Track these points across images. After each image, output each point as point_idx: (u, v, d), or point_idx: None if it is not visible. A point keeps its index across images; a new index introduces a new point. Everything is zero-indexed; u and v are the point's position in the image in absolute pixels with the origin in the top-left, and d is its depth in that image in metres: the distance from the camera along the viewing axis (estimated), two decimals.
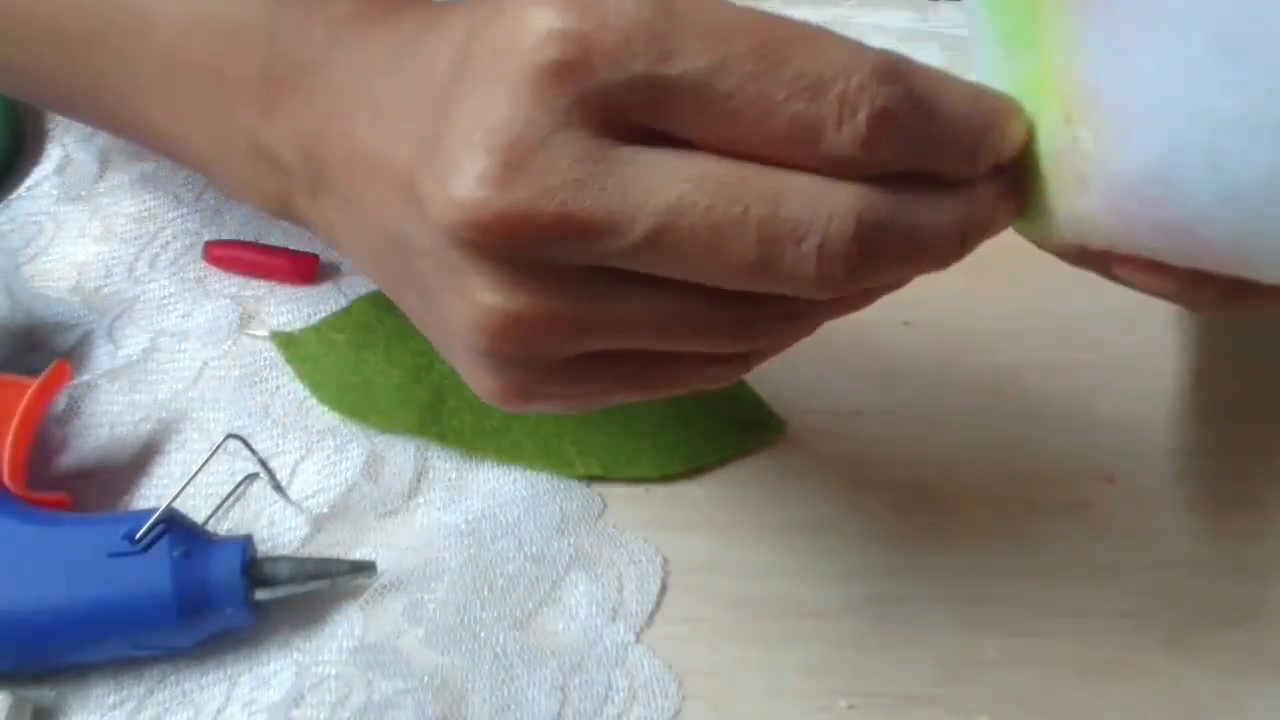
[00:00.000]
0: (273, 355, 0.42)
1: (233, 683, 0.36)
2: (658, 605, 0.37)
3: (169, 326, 0.43)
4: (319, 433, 0.41)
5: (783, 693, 0.36)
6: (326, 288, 0.44)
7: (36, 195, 0.47)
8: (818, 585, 0.38)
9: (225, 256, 0.44)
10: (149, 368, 0.42)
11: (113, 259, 0.45)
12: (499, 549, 0.38)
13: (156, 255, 0.45)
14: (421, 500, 0.39)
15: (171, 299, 0.44)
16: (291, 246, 0.45)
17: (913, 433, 0.41)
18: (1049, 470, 0.41)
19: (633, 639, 0.37)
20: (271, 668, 0.36)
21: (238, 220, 0.46)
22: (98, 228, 0.46)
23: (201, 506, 0.38)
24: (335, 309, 0.43)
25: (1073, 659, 0.37)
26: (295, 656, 0.36)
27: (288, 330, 0.43)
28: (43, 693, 0.35)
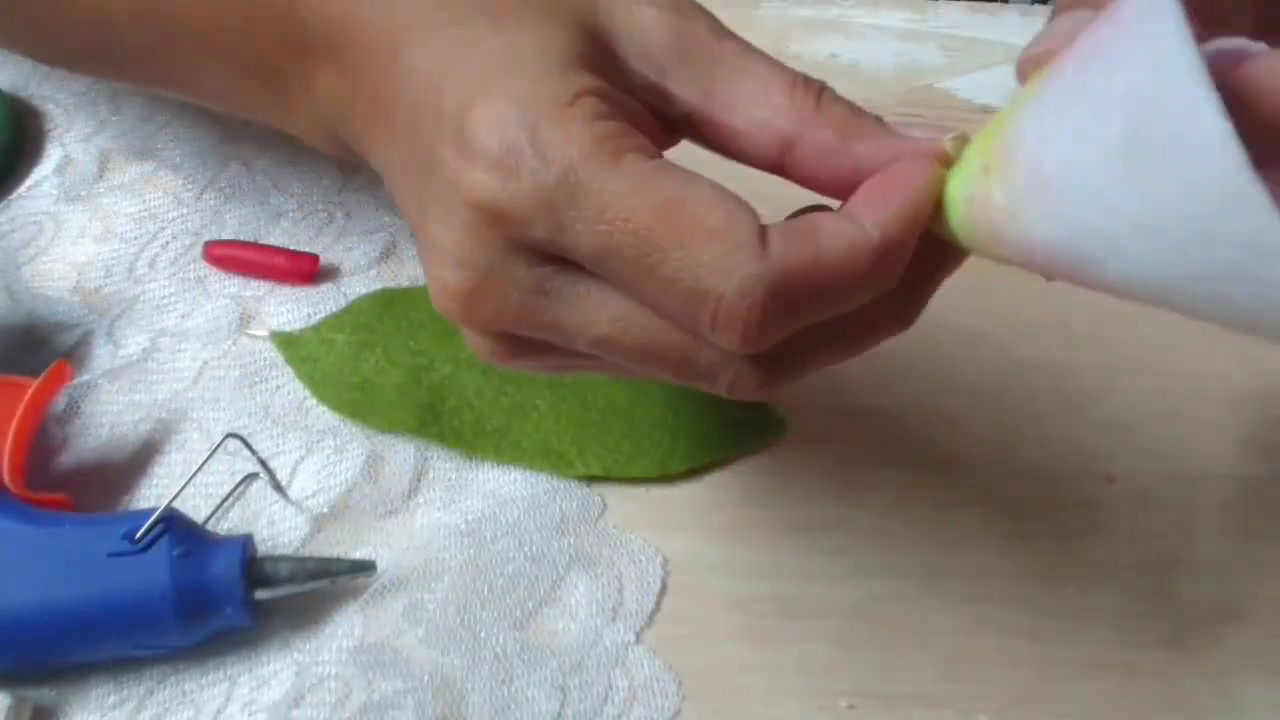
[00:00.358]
0: (273, 355, 0.42)
1: (233, 683, 0.36)
2: (658, 605, 0.37)
3: (169, 326, 0.43)
4: (319, 433, 0.41)
5: (783, 693, 0.36)
6: (326, 288, 0.44)
7: (36, 195, 0.47)
8: (818, 585, 0.38)
9: (225, 256, 0.44)
10: (149, 368, 0.42)
11: (113, 259, 0.45)
12: (499, 549, 0.38)
13: (156, 255, 0.45)
14: (421, 500, 0.39)
15: (171, 299, 0.44)
16: (291, 247, 0.45)
17: (913, 433, 0.41)
18: (1049, 470, 0.41)
19: (633, 639, 0.37)
20: (271, 668, 0.36)
21: (238, 220, 0.46)
22: (98, 228, 0.46)
23: (201, 506, 0.38)
24: (335, 309, 0.43)
25: (1073, 659, 0.37)
26: (295, 656, 0.36)
27: (287, 330, 0.43)
28: (43, 693, 0.35)
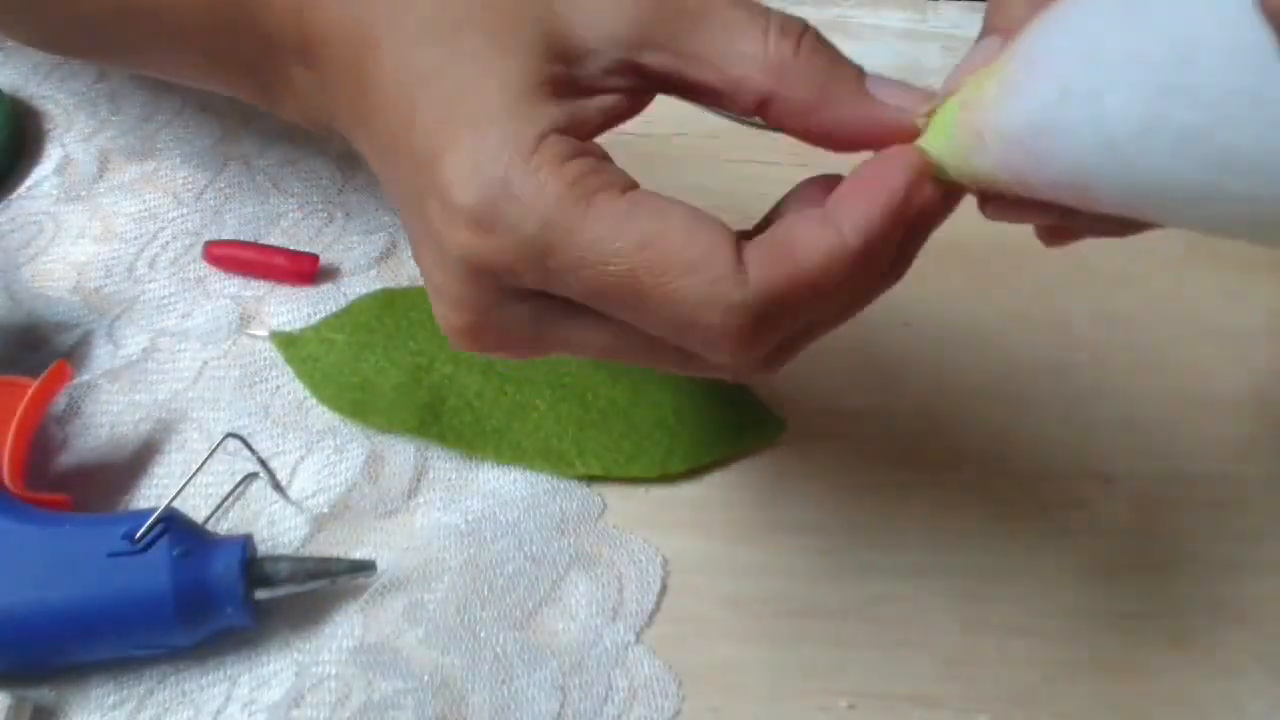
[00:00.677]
0: (273, 355, 0.42)
1: (233, 683, 0.36)
2: (658, 605, 0.37)
3: (169, 326, 0.43)
4: (319, 433, 0.41)
5: (783, 693, 0.36)
6: (326, 288, 0.44)
7: (36, 195, 0.47)
8: (818, 585, 0.38)
9: (225, 256, 0.44)
10: (149, 368, 0.42)
11: (113, 259, 0.45)
12: (499, 549, 0.38)
13: (156, 255, 0.45)
14: (421, 500, 0.39)
15: (171, 299, 0.44)
16: (291, 247, 0.45)
17: (913, 433, 0.41)
18: (1049, 470, 0.41)
19: (633, 639, 0.37)
20: (271, 668, 0.36)
21: (238, 220, 0.46)
22: (98, 228, 0.46)
23: (201, 506, 0.38)
24: (335, 309, 0.43)
25: (1073, 659, 0.37)
26: (295, 656, 0.36)
27: (287, 330, 0.43)
28: (43, 693, 0.35)
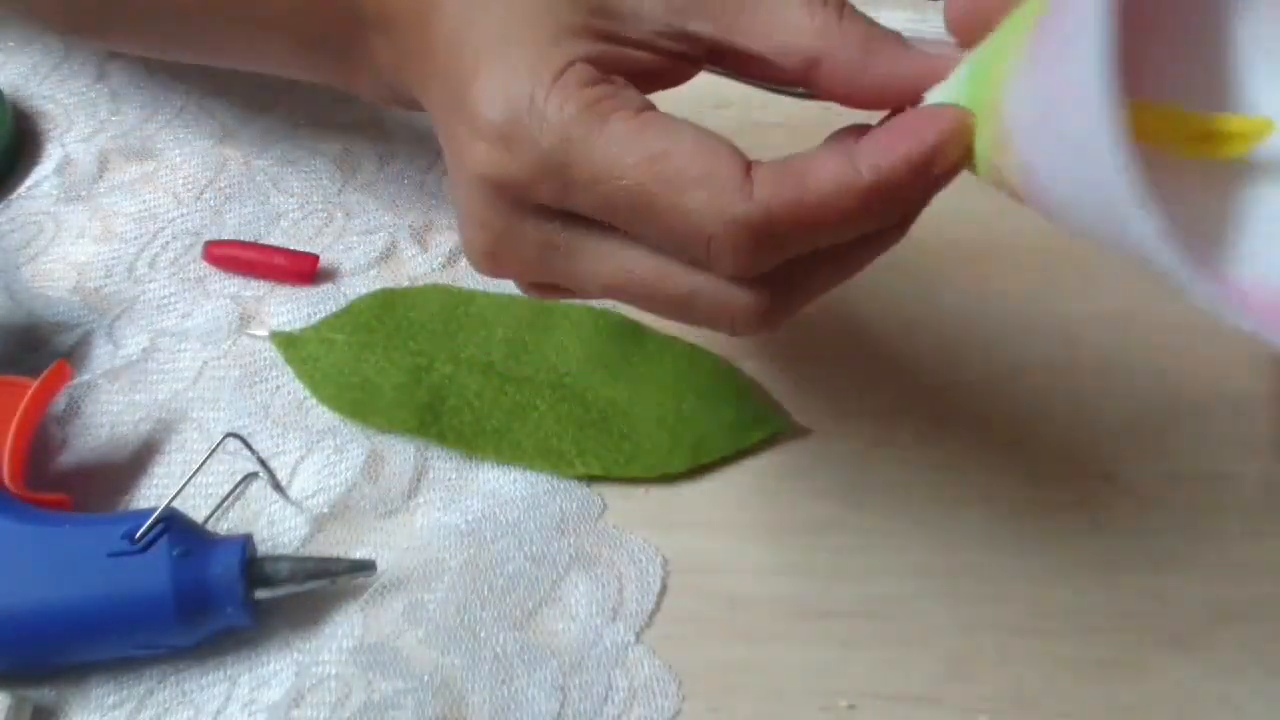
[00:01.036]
0: (272, 355, 0.42)
1: (233, 683, 0.36)
2: (658, 605, 0.37)
3: (169, 326, 0.43)
4: (319, 433, 0.41)
5: (783, 693, 0.36)
6: (326, 288, 0.44)
7: (36, 195, 0.47)
8: (818, 585, 0.38)
9: (225, 256, 0.44)
10: (149, 368, 0.42)
11: (113, 259, 0.45)
12: (499, 549, 0.38)
13: (156, 255, 0.45)
14: (421, 500, 0.39)
15: (171, 299, 0.44)
16: (291, 247, 0.45)
17: (913, 433, 0.41)
18: (1049, 470, 0.41)
19: (633, 639, 0.37)
20: (271, 668, 0.36)
21: (238, 220, 0.46)
22: (98, 228, 0.46)
23: (201, 506, 0.38)
24: (335, 309, 0.43)
25: (1073, 659, 0.37)
26: (295, 656, 0.36)
27: (287, 330, 0.43)
28: (43, 693, 0.35)
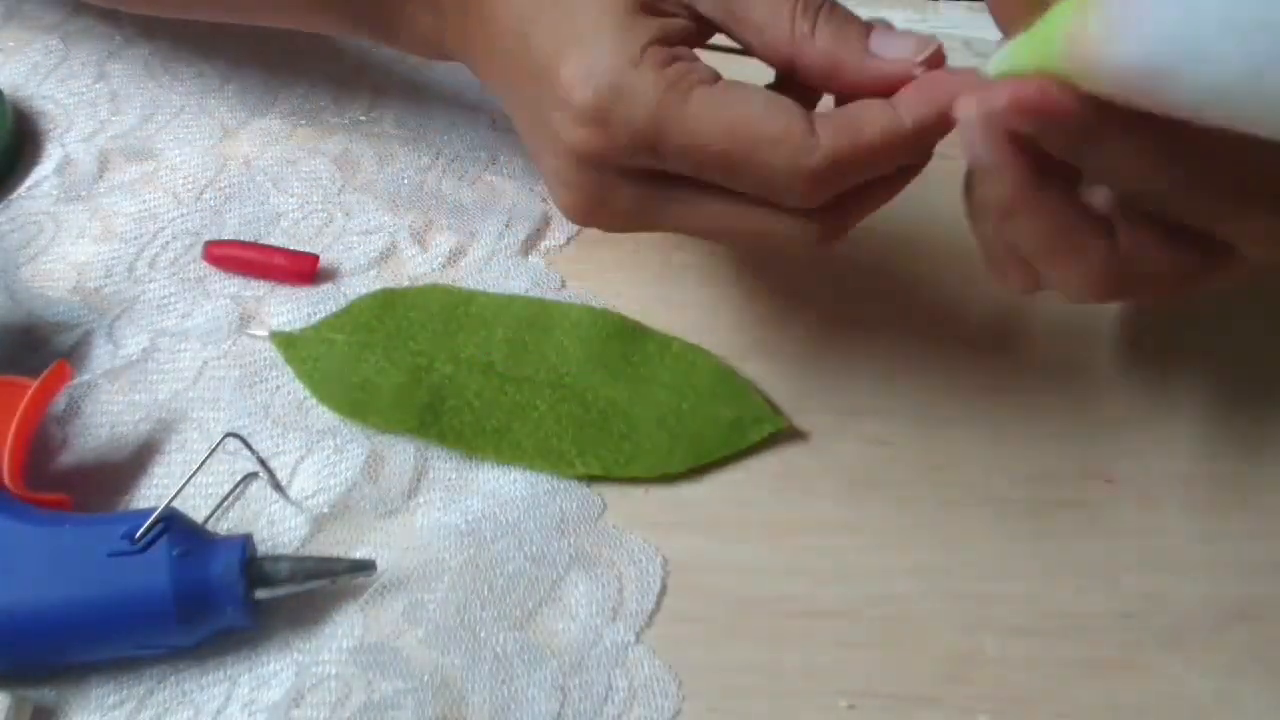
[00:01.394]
0: (273, 355, 0.42)
1: (233, 683, 0.36)
2: (658, 605, 0.37)
3: (169, 326, 0.43)
4: (319, 433, 0.41)
5: (783, 693, 0.36)
6: (326, 288, 0.44)
7: (36, 195, 0.47)
8: (818, 585, 0.38)
9: (225, 256, 0.44)
10: (149, 368, 0.42)
11: (113, 259, 0.45)
12: (499, 549, 0.38)
13: (156, 255, 0.45)
14: (421, 500, 0.39)
15: (171, 299, 0.44)
16: (291, 247, 0.45)
17: (913, 432, 0.41)
18: (1049, 470, 0.41)
19: (633, 639, 0.37)
20: (271, 668, 0.36)
21: (238, 220, 0.46)
22: (98, 228, 0.46)
23: (201, 506, 0.38)
24: (335, 309, 0.43)
25: (1073, 659, 0.37)
26: (295, 656, 0.36)
27: (287, 330, 0.43)
28: (43, 693, 0.35)
